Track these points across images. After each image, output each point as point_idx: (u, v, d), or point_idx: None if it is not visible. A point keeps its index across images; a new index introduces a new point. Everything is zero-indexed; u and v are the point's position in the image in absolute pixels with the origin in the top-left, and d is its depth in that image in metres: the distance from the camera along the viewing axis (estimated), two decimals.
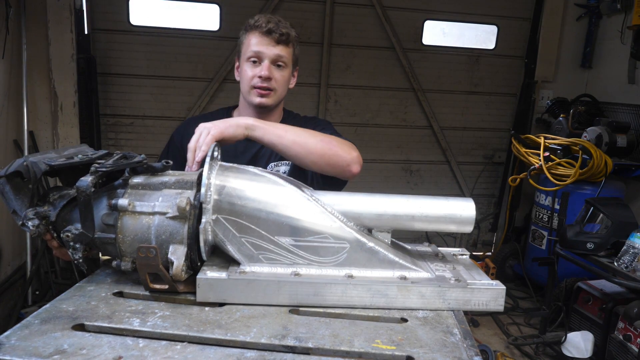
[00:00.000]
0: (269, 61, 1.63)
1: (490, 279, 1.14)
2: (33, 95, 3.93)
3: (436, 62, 4.80)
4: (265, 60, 1.63)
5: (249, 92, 1.67)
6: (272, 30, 1.61)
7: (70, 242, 1.07)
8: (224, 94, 4.51)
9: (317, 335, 0.95)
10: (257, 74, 1.64)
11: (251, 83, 1.65)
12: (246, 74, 1.67)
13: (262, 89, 1.65)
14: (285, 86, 1.72)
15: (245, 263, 1.10)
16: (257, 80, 1.64)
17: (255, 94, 1.66)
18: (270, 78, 1.64)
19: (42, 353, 0.84)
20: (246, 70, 1.67)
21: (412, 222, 1.17)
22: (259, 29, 1.62)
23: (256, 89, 1.65)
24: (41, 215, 1.10)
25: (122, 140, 4.47)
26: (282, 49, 1.64)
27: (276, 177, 1.16)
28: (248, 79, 1.66)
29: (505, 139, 5.04)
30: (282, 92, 1.71)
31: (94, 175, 1.05)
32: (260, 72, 1.63)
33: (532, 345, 3.43)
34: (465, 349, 0.93)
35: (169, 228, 1.08)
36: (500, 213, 5.17)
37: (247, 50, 1.65)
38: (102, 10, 4.16)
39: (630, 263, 2.68)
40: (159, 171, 1.17)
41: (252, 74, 1.65)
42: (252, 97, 1.67)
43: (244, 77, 1.69)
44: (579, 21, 4.84)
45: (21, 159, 1.09)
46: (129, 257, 1.10)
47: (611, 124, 3.99)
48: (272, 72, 1.64)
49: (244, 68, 1.68)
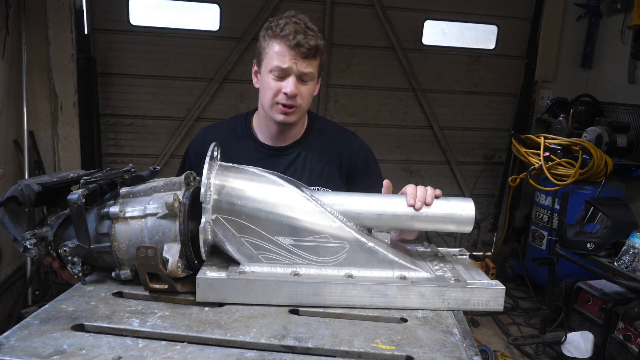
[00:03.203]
0: (295, 77, 1.49)
1: (490, 279, 1.14)
2: (33, 95, 3.93)
3: (436, 62, 4.79)
4: (291, 76, 1.49)
5: (271, 107, 1.54)
6: (300, 44, 1.45)
7: (68, 256, 1.08)
8: (224, 94, 4.51)
9: (317, 335, 0.95)
10: (281, 89, 1.50)
11: (275, 99, 1.52)
12: (269, 86, 1.52)
13: (286, 106, 1.51)
14: (310, 98, 1.59)
15: (245, 263, 1.10)
16: (282, 97, 1.50)
17: (278, 111, 1.53)
18: (297, 95, 1.51)
19: (41, 353, 0.84)
20: (269, 82, 1.52)
21: (412, 222, 1.17)
22: (285, 40, 1.46)
23: (279, 105, 1.52)
24: (39, 236, 1.12)
25: (122, 140, 4.47)
26: (309, 64, 1.50)
27: (276, 177, 1.16)
28: (271, 93, 1.52)
29: (505, 139, 5.04)
30: (306, 105, 1.59)
31: (84, 188, 1.08)
32: (286, 89, 1.49)
33: (532, 345, 3.43)
34: (464, 349, 0.93)
35: (161, 228, 1.08)
36: (500, 213, 5.17)
37: (270, 62, 1.50)
38: (102, 10, 4.15)
39: (630, 263, 2.67)
40: (148, 178, 1.20)
41: (276, 89, 1.51)
42: (275, 113, 1.54)
43: (266, 89, 1.54)
44: (579, 21, 4.84)
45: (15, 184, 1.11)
46: (127, 264, 1.11)
47: (611, 124, 3.99)
48: (298, 88, 1.50)
49: (266, 80, 1.52)
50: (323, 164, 1.67)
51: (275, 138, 1.67)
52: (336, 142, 1.71)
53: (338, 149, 1.70)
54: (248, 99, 4.51)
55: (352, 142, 1.73)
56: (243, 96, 4.53)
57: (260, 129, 1.69)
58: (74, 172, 1.23)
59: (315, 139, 1.70)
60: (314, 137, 1.71)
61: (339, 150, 1.70)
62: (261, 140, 1.68)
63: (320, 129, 1.73)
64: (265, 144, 1.68)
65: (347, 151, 1.70)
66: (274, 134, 1.66)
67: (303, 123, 1.71)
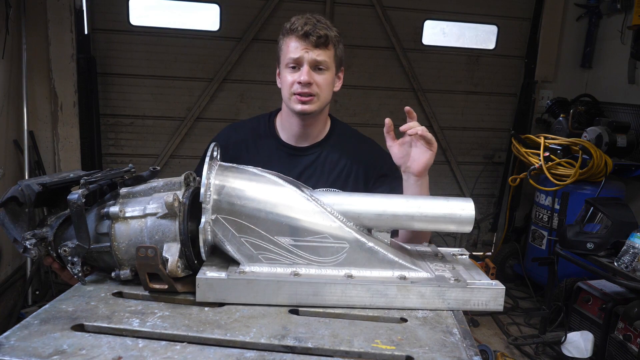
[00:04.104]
0: (308, 65, 1.55)
1: (490, 279, 1.13)
2: (33, 95, 3.93)
3: (436, 62, 4.79)
4: (304, 65, 1.55)
5: (290, 98, 1.59)
6: (309, 33, 1.52)
7: (68, 256, 1.08)
8: (224, 94, 4.51)
9: (317, 335, 0.95)
10: (296, 79, 1.56)
11: (291, 89, 1.58)
12: (286, 80, 1.59)
13: (302, 95, 1.56)
14: (328, 90, 1.62)
15: (245, 263, 1.10)
16: (297, 86, 1.56)
17: (295, 101, 1.58)
18: (311, 83, 1.55)
19: (41, 353, 0.84)
20: (286, 76, 1.59)
21: (412, 222, 1.17)
22: (295, 32, 1.54)
23: (296, 96, 1.57)
24: (39, 236, 1.12)
25: (122, 140, 4.47)
26: (321, 53, 1.56)
27: (276, 177, 1.16)
28: (288, 85, 1.58)
29: (505, 139, 5.04)
30: (325, 96, 1.62)
31: (84, 188, 1.08)
32: (300, 77, 1.55)
33: (532, 345, 3.43)
34: (464, 349, 0.93)
35: (161, 227, 1.08)
36: (500, 213, 5.17)
37: (285, 57, 1.58)
38: (102, 10, 4.16)
39: (630, 263, 2.67)
40: (148, 179, 1.20)
41: (291, 80, 1.57)
42: (293, 104, 1.59)
43: (284, 83, 1.61)
44: (579, 21, 4.84)
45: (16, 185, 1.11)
46: (127, 264, 1.10)
47: (611, 124, 3.99)
48: (312, 77, 1.56)
49: (284, 74, 1.60)
50: (342, 167, 1.70)
51: (297, 138, 1.71)
52: (358, 147, 1.75)
53: (359, 154, 1.73)
54: (248, 98, 4.52)
55: (373, 150, 1.77)
56: (243, 96, 4.53)
57: (282, 128, 1.73)
58: (74, 173, 1.23)
59: (337, 142, 1.73)
60: (335, 140, 1.74)
61: (360, 156, 1.72)
62: (283, 140, 1.72)
63: (342, 134, 1.77)
64: (287, 143, 1.72)
65: (368, 158, 1.73)
66: (296, 133, 1.69)
67: (325, 125, 1.74)
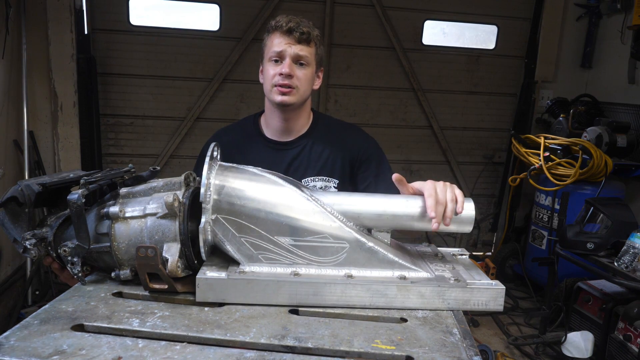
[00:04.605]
0: (290, 59, 1.62)
1: (490, 279, 1.13)
2: (33, 95, 3.93)
3: (436, 62, 4.79)
4: (286, 58, 1.62)
5: (271, 91, 1.66)
6: (292, 29, 1.60)
7: (68, 256, 1.08)
8: (224, 94, 4.51)
9: (317, 335, 0.95)
10: (278, 71, 1.63)
11: (273, 81, 1.64)
12: (268, 72, 1.66)
13: (283, 86, 1.63)
14: (307, 85, 1.69)
15: (245, 263, 1.10)
16: (278, 78, 1.63)
17: (276, 92, 1.64)
18: (292, 75, 1.62)
19: (41, 353, 0.84)
20: (268, 69, 1.66)
21: (412, 222, 1.17)
22: (280, 29, 1.62)
23: (277, 87, 1.63)
24: (39, 237, 1.12)
25: (122, 140, 4.47)
26: (303, 48, 1.63)
27: (276, 177, 1.16)
28: (270, 77, 1.65)
29: (505, 139, 5.04)
30: (305, 90, 1.68)
31: (84, 188, 1.08)
32: (281, 69, 1.62)
33: (532, 345, 3.43)
34: (464, 349, 0.93)
35: (161, 227, 1.08)
36: (500, 213, 5.17)
37: (269, 51, 1.65)
38: (102, 10, 4.15)
39: (630, 263, 2.67)
40: (148, 179, 1.20)
41: (273, 72, 1.64)
42: (274, 95, 1.65)
43: (266, 76, 1.67)
44: (579, 21, 4.84)
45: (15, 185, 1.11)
46: (127, 264, 1.11)
47: (611, 124, 3.99)
48: (294, 70, 1.62)
49: (267, 68, 1.67)
50: (327, 155, 1.75)
51: (281, 132, 1.76)
52: (341, 135, 1.79)
53: (343, 142, 1.77)
54: (248, 98, 4.52)
55: (356, 135, 1.81)
56: (243, 96, 4.53)
57: (267, 125, 1.79)
58: (74, 173, 1.23)
59: (321, 133, 1.79)
60: (319, 131, 1.79)
61: (343, 143, 1.77)
62: (269, 137, 1.78)
63: (325, 124, 1.82)
64: (272, 139, 1.78)
65: (351, 144, 1.77)
66: (279, 127, 1.75)
67: (308, 119, 1.80)
